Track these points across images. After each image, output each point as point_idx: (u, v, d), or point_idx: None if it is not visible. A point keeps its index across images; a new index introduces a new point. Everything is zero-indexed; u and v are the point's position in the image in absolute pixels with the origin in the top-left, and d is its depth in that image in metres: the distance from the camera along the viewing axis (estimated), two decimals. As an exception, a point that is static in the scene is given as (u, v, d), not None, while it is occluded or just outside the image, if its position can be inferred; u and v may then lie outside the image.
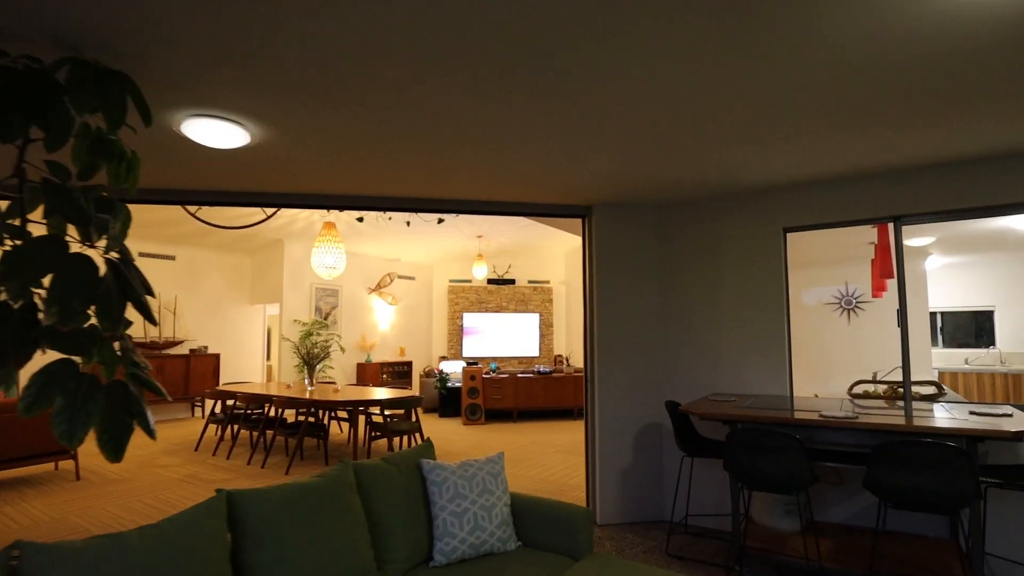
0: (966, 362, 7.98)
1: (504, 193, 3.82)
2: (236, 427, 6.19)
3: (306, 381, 6.64)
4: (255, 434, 6.04)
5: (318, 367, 9.44)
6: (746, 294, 3.80)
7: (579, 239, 12.88)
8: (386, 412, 5.56)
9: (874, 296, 5.97)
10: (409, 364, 11.87)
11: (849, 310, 7.44)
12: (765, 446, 2.60)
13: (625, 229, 4.08)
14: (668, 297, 4.07)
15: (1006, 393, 7.18)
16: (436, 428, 7.95)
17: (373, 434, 5.52)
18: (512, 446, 6.69)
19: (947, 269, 8.16)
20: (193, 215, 5.15)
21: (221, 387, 6.86)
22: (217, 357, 9.48)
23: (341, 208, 3.92)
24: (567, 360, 9.54)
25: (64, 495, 4.75)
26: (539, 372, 8.72)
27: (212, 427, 6.87)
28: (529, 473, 5.37)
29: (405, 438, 6.27)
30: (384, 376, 11.21)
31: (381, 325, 11.70)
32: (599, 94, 2.26)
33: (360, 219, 6.32)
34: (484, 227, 10.28)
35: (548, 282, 13.53)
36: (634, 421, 3.99)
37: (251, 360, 10.38)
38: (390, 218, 7.19)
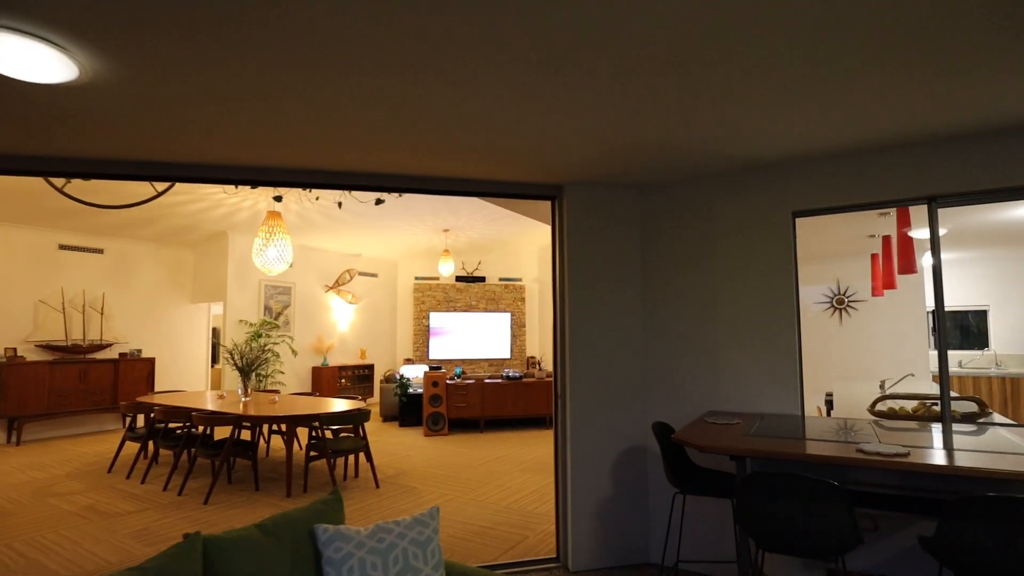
0: (959, 365, 7.54)
1: (459, 168, 3.10)
2: (155, 444, 5.34)
3: (240, 391, 5.82)
4: (175, 453, 5.19)
5: (256, 374, 8.54)
6: (748, 293, 3.15)
7: (548, 237, 12.27)
8: (328, 427, 4.79)
9: (874, 295, 5.43)
10: (371, 367, 11.05)
11: (840, 310, 6.91)
12: (793, 496, 1.94)
13: (602, 213, 3.40)
14: (653, 295, 3.41)
15: (1004, 399, 6.74)
16: (393, 440, 7.18)
17: (311, 454, 4.74)
18: (476, 463, 5.97)
19: (945, 265, 7.70)
20: (59, 190, 4.23)
21: (143, 398, 5.98)
22: (152, 362, 8.54)
23: (253, 183, 3.15)
24: (539, 363, 8.86)
25: (-81, 537, 3.87)
26: (508, 377, 8.02)
27: (132, 444, 5.98)
28: (491, 498, 4.66)
29: (350, 459, 5.50)
30: (342, 381, 10.39)
31: (340, 325, 10.86)
32: (551, 24, 1.56)
33: (278, 198, 5.50)
34: (451, 220, 9.53)
35: (520, 280, 12.83)
36: (614, 444, 3.31)
37: (193, 365, 9.45)
38: (317, 198, 6.40)
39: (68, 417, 7.80)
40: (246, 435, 6.66)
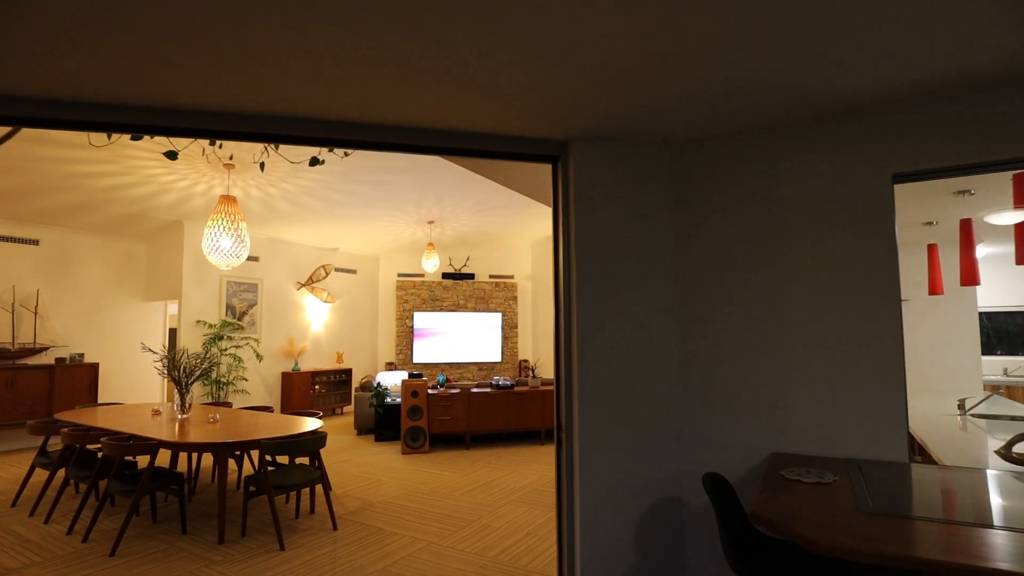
0: (1005, 372, 6.71)
1: (437, 113, 2.19)
2: (67, 473, 4.37)
3: (175, 406, 4.86)
4: (85, 487, 4.24)
5: (217, 382, 7.50)
6: (828, 289, 2.25)
7: (548, 227, 11.34)
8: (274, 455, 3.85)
9: (932, 293, 4.57)
10: (348, 373, 10.10)
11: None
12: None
13: (621, 179, 2.49)
14: (692, 291, 2.50)
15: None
16: (365, 460, 6.24)
17: (250, 489, 3.80)
18: (459, 491, 5.05)
19: (987, 262, 6.88)
20: None
21: (63, 414, 5.01)
22: (95, 368, 7.53)
23: (170, 133, 2.20)
24: (533, 370, 7.96)
25: None
26: (497, 386, 7.10)
27: (43, 471, 4.98)
28: (475, 546, 3.74)
29: (304, 495, 4.54)
30: (316, 388, 9.43)
31: (314, 326, 9.90)
32: None
33: (261, 164, 4.46)
34: (436, 211, 8.59)
35: (512, 277, 11.92)
36: (638, 496, 2.40)
37: (146, 372, 8.44)
38: (266, 152, 5.02)
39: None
40: (186, 459, 5.71)
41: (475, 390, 6.98)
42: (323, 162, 3.73)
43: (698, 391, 2.45)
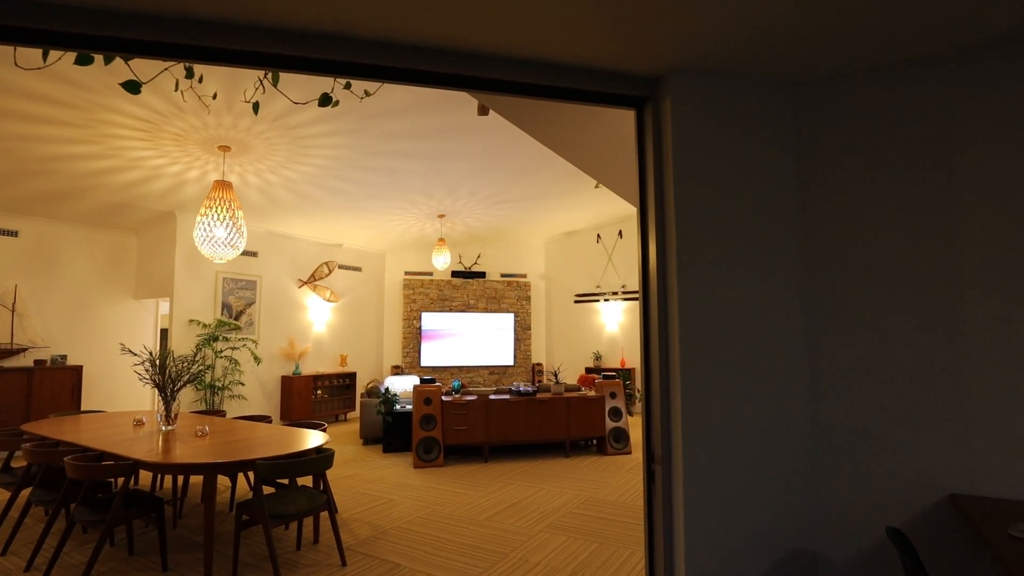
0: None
1: (493, 28, 1.59)
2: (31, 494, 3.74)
3: (159, 417, 4.24)
4: (51, 511, 3.61)
5: (212, 386, 6.83)
6: (1030, 268, 1.64)
7: (564, 223, 10.76)
8: (272, 478, 3.23)
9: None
10: (352, 376, 9.48)
11: None
12: None
13: (730, 128, 1.87)
14: (825, 279, 1.88)
15: None
16: (374, 475, 5.62)
17: (242, 518, 3.18)
18: (482, 513, 4.43)
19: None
20: None
21: (29, 425, 4.39)
22: (79, 371, 6.92)
23: (130, 50, 1.58)
24: (556, 374, 7.34)
25: None
26: (518, 392, 6.48)
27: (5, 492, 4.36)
28: (512, 586, 3.12)
29: (306, 521, 3.91)
30: (318, 392, 8.82)
31: (316, 327, 9.29)
32: None
33: (254, 105, 3.29)
34: (447, 203, 7.99)
35: (525, 276, 11.30)
36: (760, 544, 1.78)
37: (134, 375, 7.79)
38: (261, 87, 3.76)
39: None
40: (169, 481, 5.08)
41: (493, 397, 6.36)
42: (336, 102, 2.85)
43: (840, 409, 1.83)
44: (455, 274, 10.74)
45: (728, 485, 1.75)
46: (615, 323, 10.47)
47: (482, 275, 10.88)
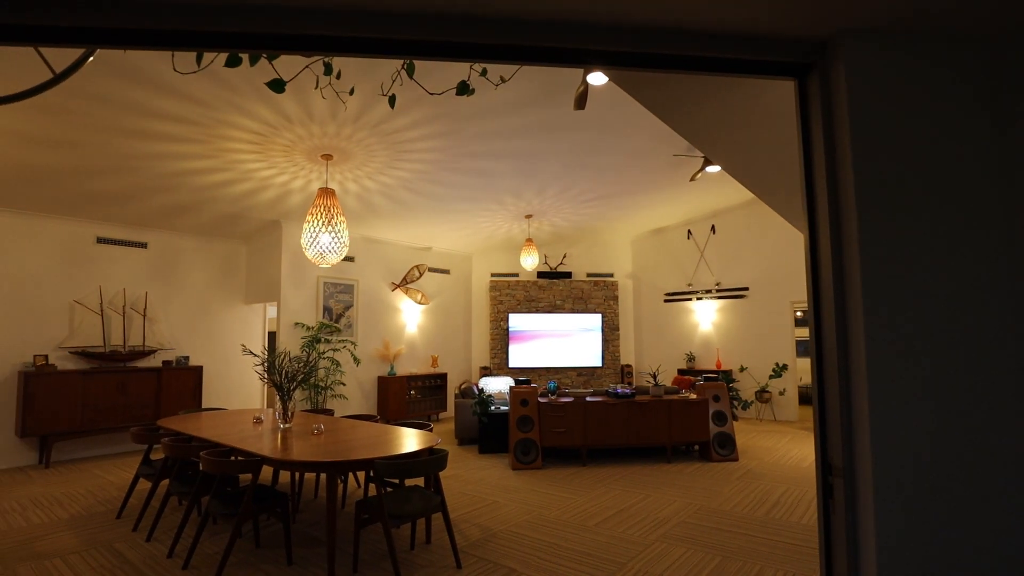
0: None
1: (630, 4, 1.46)
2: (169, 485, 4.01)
3: (277, 415, 4.43)
4: (186, 502, 3.84)
5: (314, 387, 7.16)
6: None
7: (652, 220, 10.37)
8: (388, 479, 3.26)
9: None
10: (443, 377, 9.62)
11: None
12: None
13: (922, 96, 1.62)
14: (1037, 260, 1.59)
15: None
16: (474, 476, 5.62)
17: (362, 517, 3.22)
18: (589, 518, 4.29)
19: None
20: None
21: (165, 421, 4.74)
22: (199, 372, 7.45)
23: (266, 46, 1.61)
24: (655, 376, 7.06)
25: None
26: (615, 394, 6.28)
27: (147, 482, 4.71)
28: (636, 600, 2.95)
29: (418, 525, 3.91)
30: (412, 393, 9.01)
31: (408, 328, 9.51)
32: None
33: (391, 98, 2.93)
34: (535, 203, 7.92)
35: (612, 275, 11.04)
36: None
37: (246, 375, 8.33)
38: (399, 78, 3.56)
39: (105, 435, 6.81)
40: (286, 475, 5.32)
41: (590, 399, 6.19)
42: (473, 91, 2.69)
43: (1069, 417, 1.53)
44: (541, 275, 10.67)
45: (932, 507, 1.50)
46: (709, 322, 9.98)
47: (568, 275, 10.73)
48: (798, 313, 9.44)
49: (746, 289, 9.54)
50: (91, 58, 1.87)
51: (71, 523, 4.21)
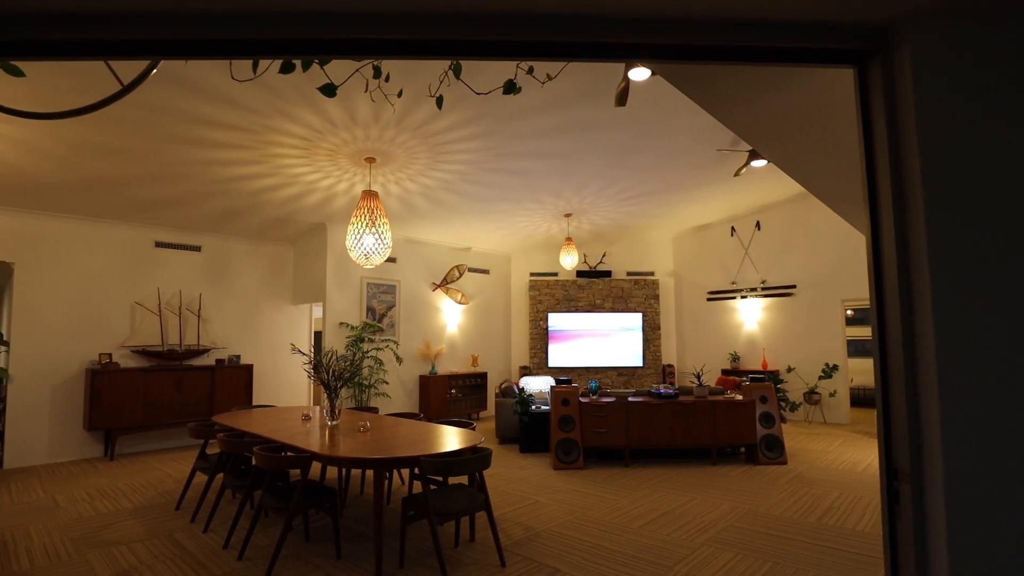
0: None
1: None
2: (224, 479, 4.18)
3: (325, 412, 4.55)
4: (240, 495, 4.00)
5: (359, 385, 7.34)
6: None
7: (693, 217, 10.16)
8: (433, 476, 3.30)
9: None
10: (483, 376, 9.68)
11: None
12: None
13: (990, 83, 1.53)
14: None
15: None
16: (516, 475, 5.63)
17: (408, 513, 3.28)
18: (634, 520, 4.24)
19: None
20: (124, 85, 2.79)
21: (220, 417, 4.93)
22: (250, 370, 7.72)
23: (314, 51, 1.67)
24: (700, 376, 6.92)
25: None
26: (659, 395, 6.18)
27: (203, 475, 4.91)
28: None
29: (462, 523, 3.95)
30: (452, 392, 9.10)
31: (449, 328, 9.61)
32: None
33: (438, 99, 2.98)
34: (575, 201, 7.88)
35: (652, 274, 10.87)
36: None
37: (294, 373, 8.59)
38: (446, 79, 3.65)
39: (163, 430, 7.13)
40: (333, 471, 5.45)
41: (632, 399, 6.11)
42: (519, 89, 2.66)
43: None
44: (580, 274, 10.60)
45: (1019, 510, 1.42)
46: (754, 321, 9.71)
47: (608, 274, 10.63)
48: (849, 312, 9.08)
49: (793, 287, 9.24)
50: (155, 70, 1.96)
51: (134, 513, 4.43)
